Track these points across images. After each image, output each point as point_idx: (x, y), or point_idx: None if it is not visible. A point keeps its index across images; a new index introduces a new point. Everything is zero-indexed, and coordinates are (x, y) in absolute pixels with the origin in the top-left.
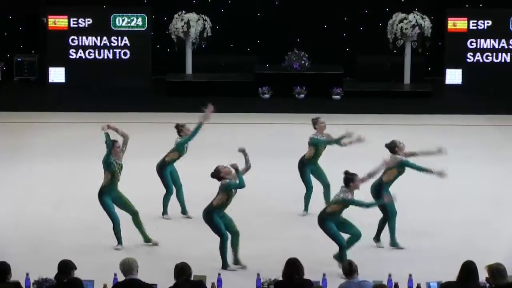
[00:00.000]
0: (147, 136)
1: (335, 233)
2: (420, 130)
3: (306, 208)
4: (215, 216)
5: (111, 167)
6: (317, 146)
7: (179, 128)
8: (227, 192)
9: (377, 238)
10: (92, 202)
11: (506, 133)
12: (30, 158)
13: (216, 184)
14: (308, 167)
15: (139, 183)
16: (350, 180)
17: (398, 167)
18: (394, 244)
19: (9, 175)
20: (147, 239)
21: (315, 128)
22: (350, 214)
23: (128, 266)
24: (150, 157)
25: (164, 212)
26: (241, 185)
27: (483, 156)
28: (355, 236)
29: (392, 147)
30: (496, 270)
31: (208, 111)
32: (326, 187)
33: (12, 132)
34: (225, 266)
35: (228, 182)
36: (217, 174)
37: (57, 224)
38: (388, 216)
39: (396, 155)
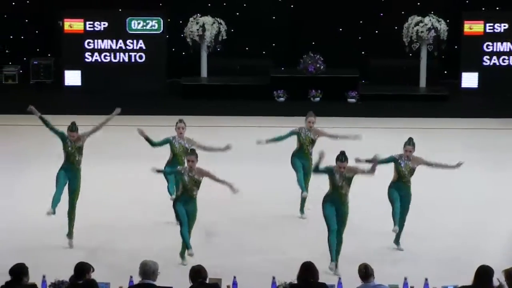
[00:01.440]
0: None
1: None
2: (436, 133)
3: (304, 189)
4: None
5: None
6: (298, 138)
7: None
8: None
9: (396, 241)
10: (106, 205)
11: None
12: (45, 161)
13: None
14: (296, 157)
15: (154, 185)
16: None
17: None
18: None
19: (24, 178)
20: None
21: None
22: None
23: (147, 269)
24: (165, 160)
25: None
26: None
27: (498, 159)
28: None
29: None
30: None
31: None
32: (306, 174)
33: (28, 135)
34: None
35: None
36: None
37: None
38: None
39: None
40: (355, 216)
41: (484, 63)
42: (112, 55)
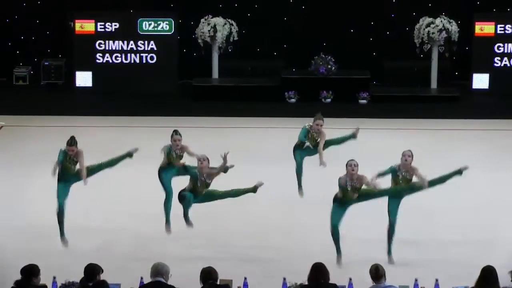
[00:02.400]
0: None
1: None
2: (447, 134)
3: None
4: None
5: None
6: (305, 135)
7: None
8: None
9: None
10: (119, 206)
11: None
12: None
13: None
14: (296, 151)
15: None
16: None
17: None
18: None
19: (37, 179)
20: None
21: None
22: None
23: (159, 269)
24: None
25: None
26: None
27: (510, 160)
28: None
29: None
30: None
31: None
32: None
33: (39, 136)
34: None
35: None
36: None
37: (86, 228)
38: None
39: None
40: (367, 217)
41: (495, 64)
42: (123, 56)
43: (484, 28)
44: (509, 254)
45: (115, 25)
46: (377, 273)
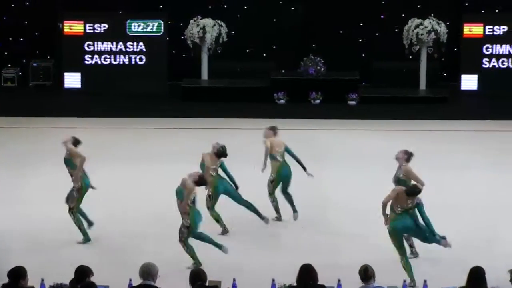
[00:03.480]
0: (162, 142)
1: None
2: (436, 135)
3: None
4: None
5: None
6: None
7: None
8: None
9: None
10: (106, 206)
11: None
12: (45, 164)
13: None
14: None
15: (156, 186)
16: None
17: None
18: None
19: (25, 180)
20: None
21: None
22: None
23: (147, 270)
24: (166, 162)
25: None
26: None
27: (498, 161)
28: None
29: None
30: None
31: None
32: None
33: (28, 137)
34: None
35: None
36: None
37: (73, 230)
38: None
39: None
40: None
41: (484, 66)
42: (112, 57)
43: (473, 30)
44: (492, 255)
45: (104, 26)
46: (366, 274)
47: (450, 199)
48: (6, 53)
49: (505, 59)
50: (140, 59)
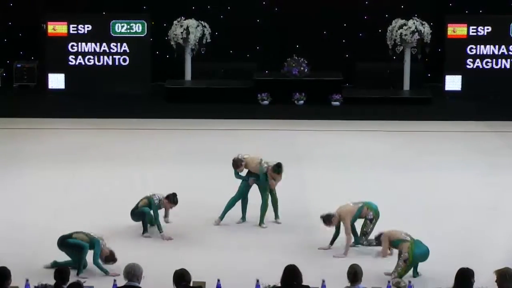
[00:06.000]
0: (146, 143)
1: None
2: (420, 136)
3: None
4: None
5: None
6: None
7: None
8: None
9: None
10: (90, 208)
11: (506, 139)
12: (29, 164)
13: (208, 190)
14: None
15: (136, 188)
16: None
17: None
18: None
19: (8, 182)
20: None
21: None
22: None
23: (131, 271)
24: (149, 164)
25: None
26: None
27: (482, 162)
28: None
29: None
30: (507, 274)
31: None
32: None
33: (12, 138)
34: None
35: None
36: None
37: (56, 230)
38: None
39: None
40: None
41: (468, 66)
42: (96, 58)
43: (457, 30)
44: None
45: (88, 27)
46: (355, 275)
47: (433, 200)
48: None
49: (489, 60)
50: (124, 60)
